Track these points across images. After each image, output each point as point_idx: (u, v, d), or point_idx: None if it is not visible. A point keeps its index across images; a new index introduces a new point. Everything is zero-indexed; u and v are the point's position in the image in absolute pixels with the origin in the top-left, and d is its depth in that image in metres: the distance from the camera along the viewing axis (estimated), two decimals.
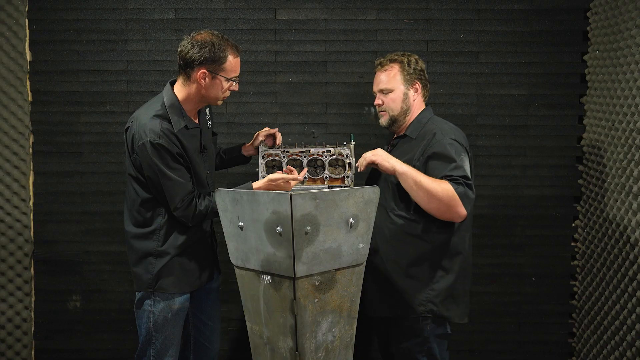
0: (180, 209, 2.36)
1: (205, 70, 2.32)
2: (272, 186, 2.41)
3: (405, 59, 2.50)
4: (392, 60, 2.51)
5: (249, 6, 3.29)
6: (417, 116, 2.51)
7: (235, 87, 2.43)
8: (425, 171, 2.36)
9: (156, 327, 2.49)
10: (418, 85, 2.50)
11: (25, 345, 3.32)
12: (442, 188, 2.28)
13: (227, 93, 2.43)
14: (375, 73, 2.59)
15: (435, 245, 2.41)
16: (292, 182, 2.44)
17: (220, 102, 2.46)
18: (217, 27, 3.28)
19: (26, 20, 3.23)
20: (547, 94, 3.31)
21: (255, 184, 2.46)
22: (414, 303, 2.42)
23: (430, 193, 2.29)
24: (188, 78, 2.38)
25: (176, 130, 2.36)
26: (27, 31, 3.24)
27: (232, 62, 2.36)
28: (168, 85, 2.45)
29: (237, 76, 2.42)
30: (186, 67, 2.36)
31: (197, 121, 2.50)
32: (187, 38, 2.37)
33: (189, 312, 2.65)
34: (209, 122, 2.62)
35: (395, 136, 2.60)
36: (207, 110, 2.61)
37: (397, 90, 2.49)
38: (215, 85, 2.37)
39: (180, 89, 2.41)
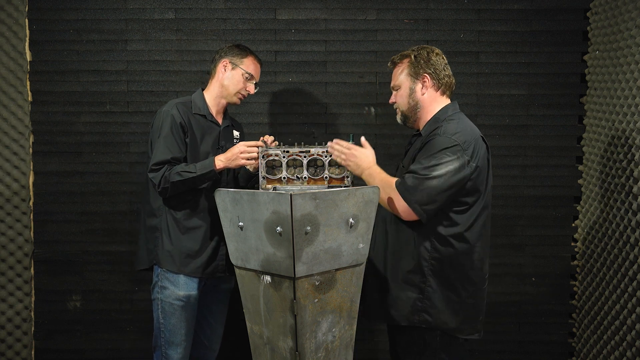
0: (152, 171, 2.55)
1: (227, 60, 2.69)
2: (232, 162, 2.54)
3: (415, 53, 2.37)
4: (403, 56, 2.41)
5: (249, 6, 3.29)
6: (436, 114, 2.35)
7: (251, 88, 2.72)
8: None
9: (164, 314, 2.64)
10: (427, 79, 2.34)
11: (25, 345, 3.32)
12: (384, 185, 2.25)
13: (244, 91, 2.71)
14: None
15: (438, 255, 2.26)
16: (249, 151, 2.53)
17: (237, 99, 2.73)
18: (217, 27, 3.28)
19: (26, 20, 3.23)
20: (547, 94, 3.31)
21: (218, 162, 2.55)
22: (408, 311, 2.30)
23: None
24: (214, 72, 2.72)
25: (194, 111, 2.67)
26: (27, 31, 3.24)
27: (252, 61, 2.71)
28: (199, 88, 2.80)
29: (255, 80, 2.73)
30: (214, 62, 2.73)
31: (219, 122, 2.75)
32: None
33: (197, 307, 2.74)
34: (237, 141, 2.80)
35: (414, 134, 2.48)
36: (237, 133, 2.85)
37: (403, 86, 2.38)
38: (234, 76, 2.69)
39: (206, 88, 2.76)
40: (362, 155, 2.37)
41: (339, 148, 2.40)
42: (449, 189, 2.19)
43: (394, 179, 2.26)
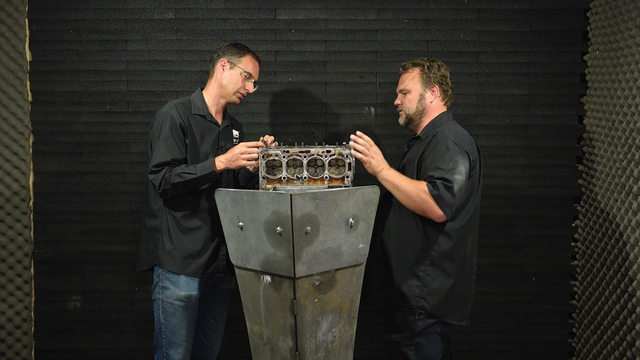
0: (152, 173, 2.55)
1: (225, 60, 2.67)
2: (232, 163, 2.54)
3: (427, 63, 2.58)
4: (415, 64, 2.61)
5: (249, 6, 3.29)
6: (433, 119, 2.58)
7: (250, 87, 2.71)
8: (419, 169, 2.49)
9: (165, 314, 2.65)
10: (436, 89, 2.57)
11: (25, 345, 3.32)
12: (417, 190, 2.37)
13: (243, 90, 2.70)
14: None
15: (437, 247, 2.45)
16: (249, 152, 2.52)
17: (236, 98, 2.71)
18: (217, 27, 3.28)
19: (26, 20, 3.23)
20: (547, 94, 3.31)
21: (218, 164, 2.55)
22: (407, 297, 2.48)
23: (407, 195, 2.39)
24: (213, 71, 2.71)
25: (193, 112, 2.66)
26: (27, 31, 3.24)
27: (250, 60, 2.69)
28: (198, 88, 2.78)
29: (254, 78, 2.71)
30: (212, 62, 2.72)
31: (219, 122, 2.74)
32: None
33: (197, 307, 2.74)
34: (237, 141, 2.82)
35: (412, 137, 2.68)
36: (236, 132, 2.84)
37: (413, 91, 2.58)
38: (232, 76, 2.67)
39: (205, 88, 2.75)
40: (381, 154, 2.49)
41: (364, 142, 2.45)
42: (465, 185, 2.41)
43: (423, 183, 2.38)
